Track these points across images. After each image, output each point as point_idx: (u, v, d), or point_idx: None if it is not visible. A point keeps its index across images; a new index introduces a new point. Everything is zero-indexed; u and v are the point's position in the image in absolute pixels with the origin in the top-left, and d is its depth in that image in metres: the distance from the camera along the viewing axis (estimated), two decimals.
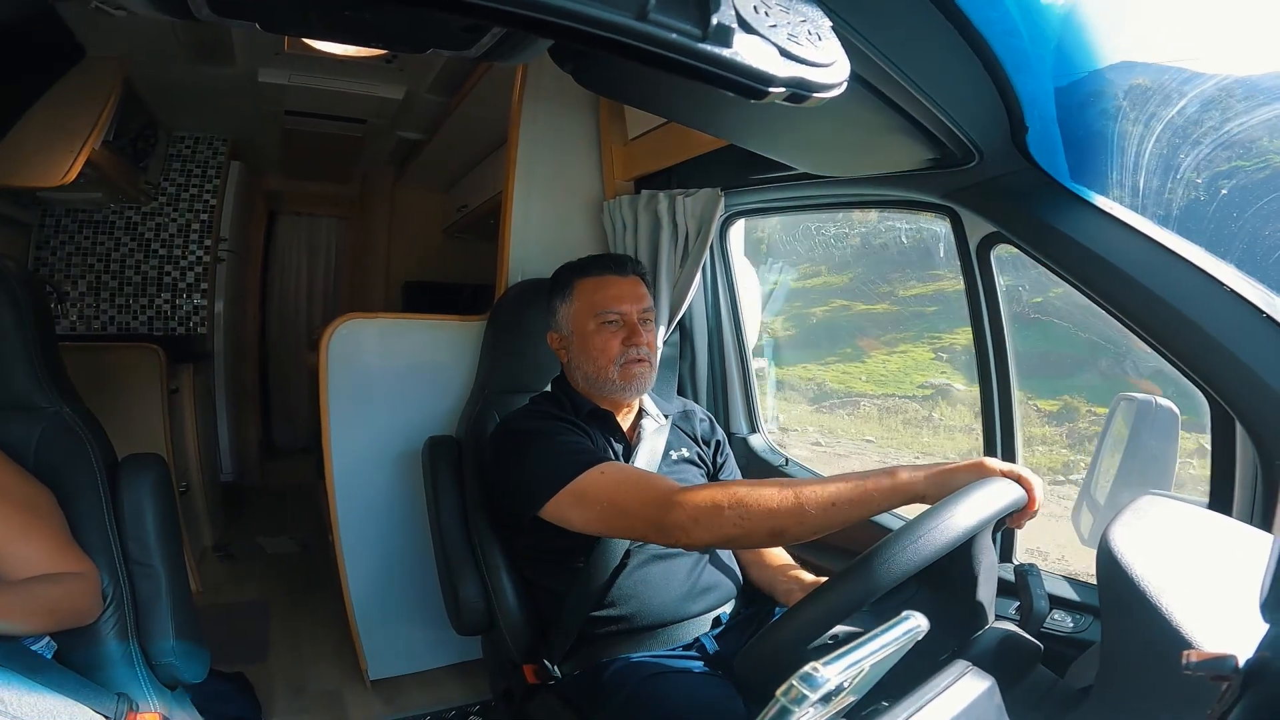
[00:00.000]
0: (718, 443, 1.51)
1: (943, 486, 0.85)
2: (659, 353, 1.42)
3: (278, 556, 3.12)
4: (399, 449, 1.92)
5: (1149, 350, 1.01)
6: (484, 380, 1.77)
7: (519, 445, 1.25)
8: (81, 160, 2.32)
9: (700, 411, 1.55)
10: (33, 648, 1.00)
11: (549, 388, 1.46)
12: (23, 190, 2.76)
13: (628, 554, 1.27)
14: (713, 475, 1.47)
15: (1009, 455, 1.34)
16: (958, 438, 2.32)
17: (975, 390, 2.02)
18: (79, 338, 3.37)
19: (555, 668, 1.28)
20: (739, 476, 1.52)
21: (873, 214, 1.80)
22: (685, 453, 1.43)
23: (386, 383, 1.92)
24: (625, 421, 1.41)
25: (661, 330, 1.81)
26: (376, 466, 1.93)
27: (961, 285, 1.35)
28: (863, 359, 2.41)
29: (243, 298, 4.28)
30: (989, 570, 0.88)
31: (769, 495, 0.93)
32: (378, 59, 2.57)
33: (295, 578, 2.89)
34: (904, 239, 1.85)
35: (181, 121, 3.50)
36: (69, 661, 1.06)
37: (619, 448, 1.36)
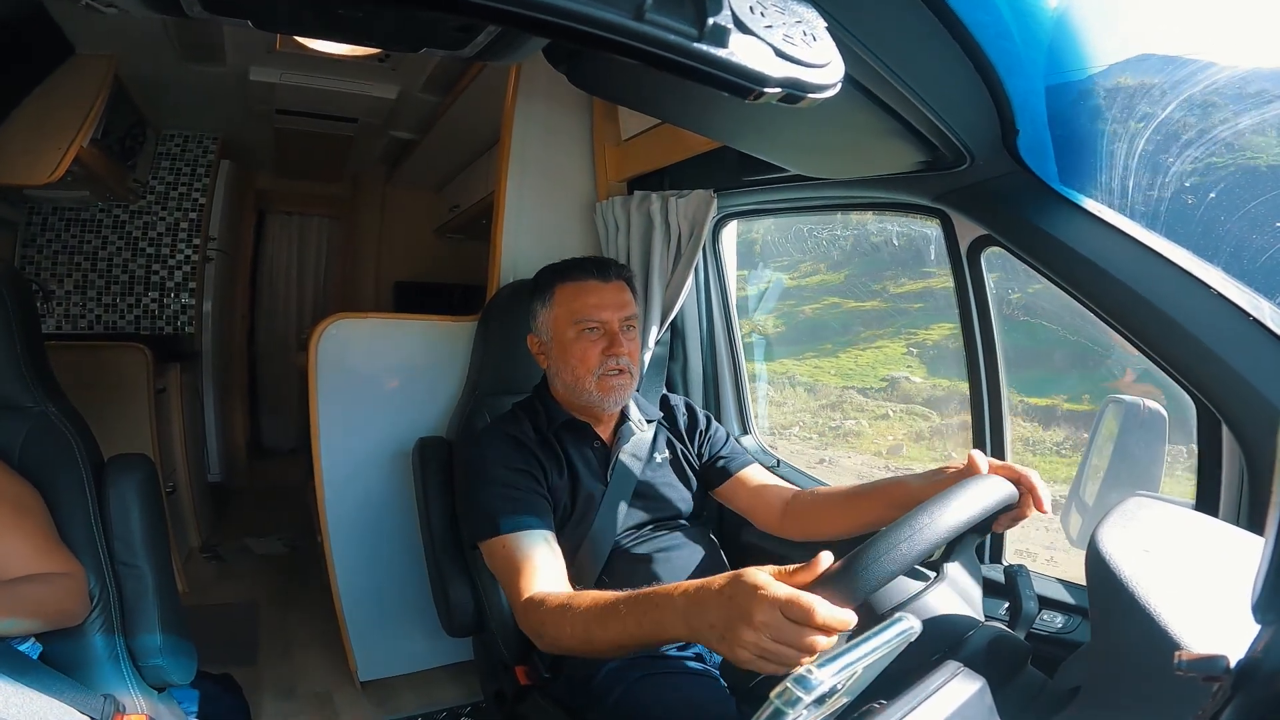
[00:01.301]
0: (700, 429, 1.46)
1: (695, 631, 0.76)
2: (644, 360, 1.40)
3: (266, 557, 3.10)
4: (389, 450, 1.91)
5: (1137, 353, 1.02)
6: (475, 381, 1.77)
7: (470, 475, 1.27)
8: (69, 158, 2.30)
9: (681, 404, 1.50)
10: (18, 648, 0.99)
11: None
12: (9, 188, 2.74)
13: (613, 557, 1.26)
14: (700, 470, 1.43)
15: (999, 453, 1.35)
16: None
17: (930, 382, 2.08)
18: (65, 337, 3.34)
19: (547, 669, 1.27)
20: (737, 454, 1.44)
21: (869, 214, 1.81)
22: (669, 454, 1.40)
23: (376, 383, 1.91)
24: (606, 428, 1.38)
25: (654, 331, 1.81)
26: (366, 467, 1.92)
27: (949, 283, 1.36)
28: (838, 354, 2.44)
29: (231, 297, 4.25)
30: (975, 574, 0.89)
31: (570, 634, 0.93)
32: (371, 58, 2.56)
33: (283, 579, 2.87)
34: (897, 239, 1.88)
35: (171, 120, 3.47)
36: (55, 662, 1.05)
37: (596, 458, 1.34)
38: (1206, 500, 1.02)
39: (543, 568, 1.09)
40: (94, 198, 3.33)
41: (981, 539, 1.01)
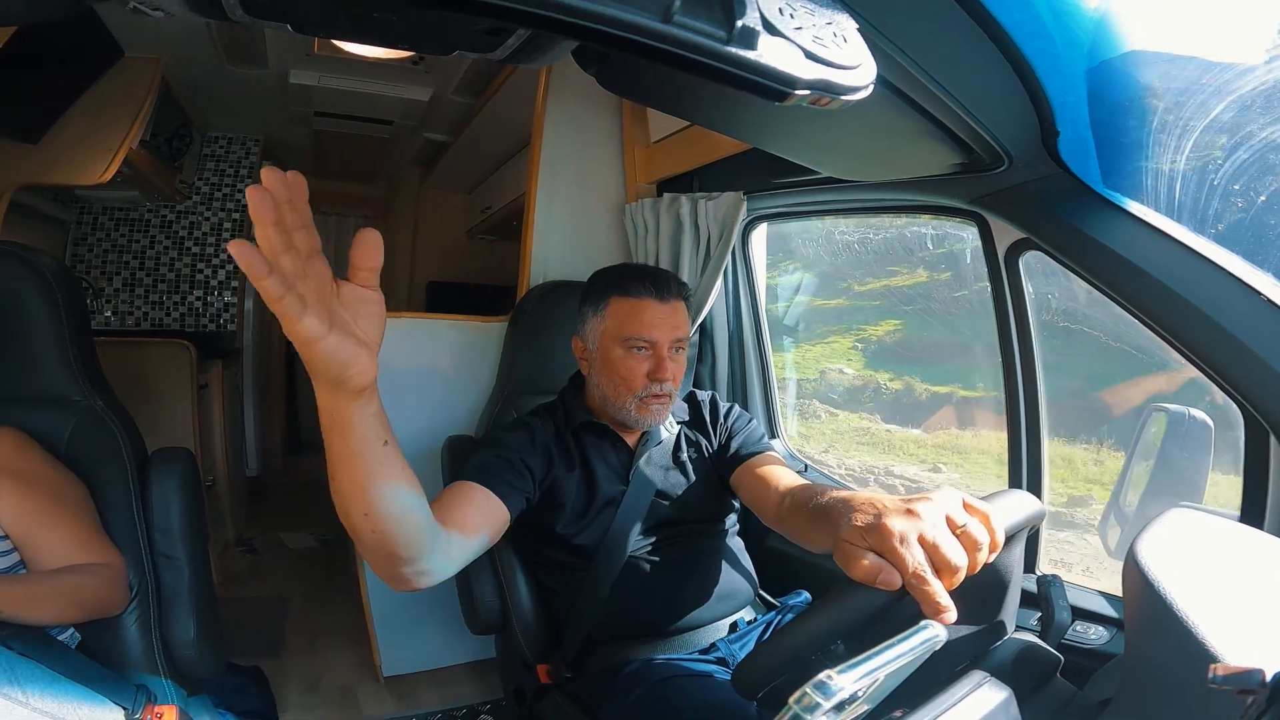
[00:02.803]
0: (722, 416, 1.42)
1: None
2: (682, 379, 1.36)
3: (298, 552, 3.17)
4: (420, 447, 1.93)
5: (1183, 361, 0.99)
6: (504, 381, 1.78)
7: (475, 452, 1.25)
8: (119, 159, 2.38)
9: (707, 398, 1.45)
10: (58, 638, 1.01)
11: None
12: (62, 188, 2.84)
13: (633, 560, 1.26)
14: (717, 459, 1.38)
15: (1034, 467, 1.32)
16: None
17: (854, 373, 2.11)
18: (114, 333, 3.45)
19: (568, 668, 1.28)
20: (752, 440, 1.37)
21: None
22: (694, 454, 1.37)
23: (409, 381, 1.94)
24: (631, 432, 1.35)
25: None
26: None
27: (910, 280, 1.33)
28: (788, 349, 2.47)
29: None
30: (1016, 581, 0.86)
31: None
32: (404, 61, 2.61)
33: (314, 573, 2.93)
34: (870, 237, 1.95)
35: (215, 122, 3.57)
36: (91, 652, 1.07)
37: (619, 460, 1.32)
38: (1253, 512, 0.98)
39: (443, 500, 1.09)
40: (143, 198, 3.44)
41: None
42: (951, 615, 0.65)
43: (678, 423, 1.39)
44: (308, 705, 2.01)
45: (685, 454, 1.37)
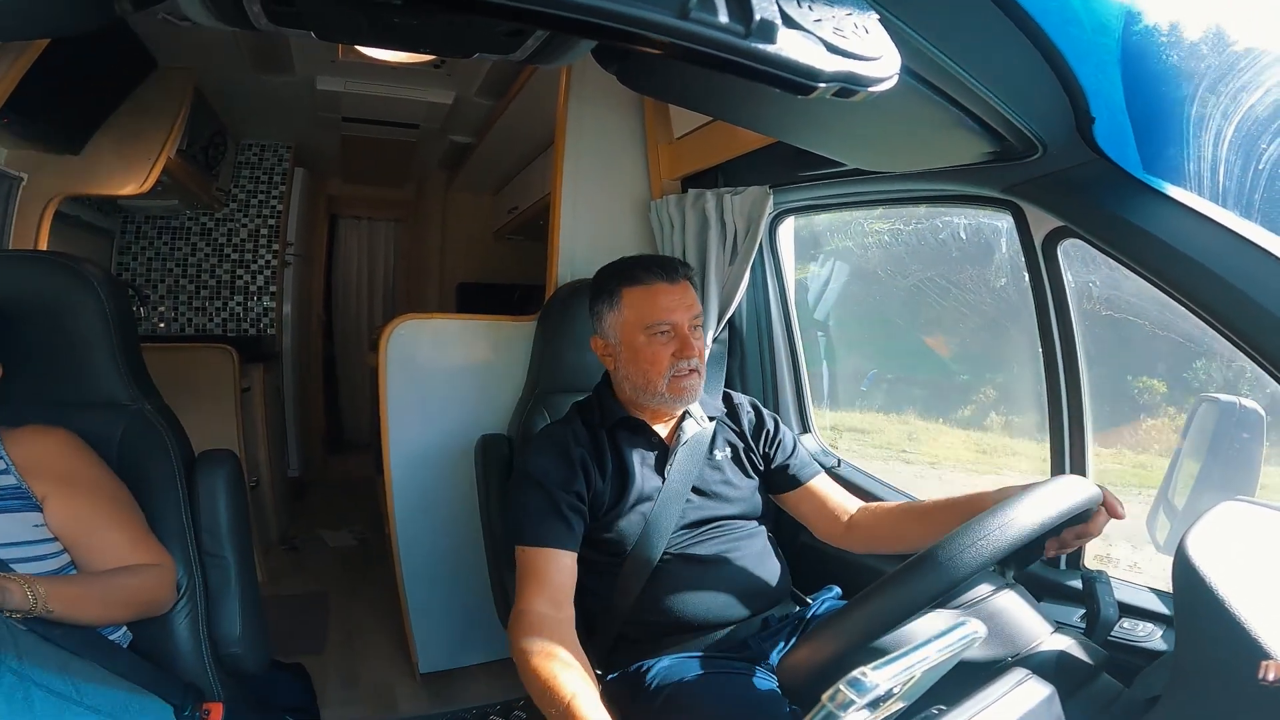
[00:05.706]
0: (768, 432, 1.43)
1: None
2: (707, 357, 1.39)
3: (338, 550, 3.23)
4: (454, 446, 1.96)
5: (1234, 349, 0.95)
6: (534, 379, 1.80)
7: (515, 477, 1.32)
8: (158, 169, 2.45)
9: (747, 402, 1.48)
10: (110, 637, 1.04)
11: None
12: (105, 198, 2.93)
13: (667, 556, 1.26)
14: (766, 473, 1.41)
15: (1078, 460, 1.28)
16: None
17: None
18: (159, 339, 3.54)
19: (599, 665, 1.28)
20: (807, 463, 1.42)
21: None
22: (728, 452, 1.38)
23: (442, 381, 1.96)
24: (666, 426, 1.37)
25: (711, 329, 1.80)
26: (432, 463, 1.98)
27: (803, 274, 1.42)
28: None
29: (308, 299, 4.45)
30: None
31: (520, 668, 1.03)
32: (427, 64, 2.64)
33: (353, 571, 2.99)
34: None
35: (248, 130, 3.66)
36: (143, 650, 1.09)
37: (654, 455, 1.33)
38: None
39: (545, 585, 1.16)
40: (183, 206, 3.54)
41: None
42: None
43: (711, 419, 1.40)
44: (347, 701, 2.05)
45: (721, 451, 1.37)
